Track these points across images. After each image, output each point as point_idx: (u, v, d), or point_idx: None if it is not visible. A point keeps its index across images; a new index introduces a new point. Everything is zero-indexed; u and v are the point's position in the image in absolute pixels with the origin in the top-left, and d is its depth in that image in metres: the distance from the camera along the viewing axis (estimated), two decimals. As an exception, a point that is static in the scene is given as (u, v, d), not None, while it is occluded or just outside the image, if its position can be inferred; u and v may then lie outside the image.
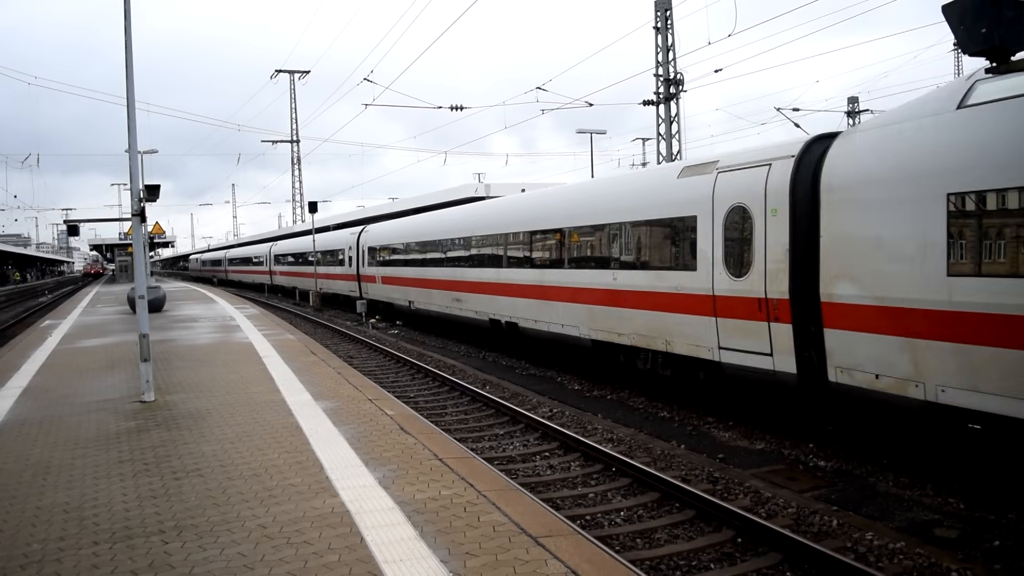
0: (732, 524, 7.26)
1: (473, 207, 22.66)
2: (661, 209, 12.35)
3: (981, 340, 7.24)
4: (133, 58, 11.22)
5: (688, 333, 11.53)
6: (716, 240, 10.85)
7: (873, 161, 8.53)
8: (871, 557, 6.60)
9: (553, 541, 5.38)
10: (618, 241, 13.78)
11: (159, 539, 5.56)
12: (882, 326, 8.29)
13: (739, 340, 10.47)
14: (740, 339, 10.45)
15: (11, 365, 14.61)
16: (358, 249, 31.99)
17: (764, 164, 10.13)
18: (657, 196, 12.61)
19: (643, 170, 30.38)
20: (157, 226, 40.75)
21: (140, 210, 11.47)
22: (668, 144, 27.10)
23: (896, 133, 8.29)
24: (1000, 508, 7.62)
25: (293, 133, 63.85)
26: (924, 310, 7.76)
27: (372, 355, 19.89)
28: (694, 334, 11.39)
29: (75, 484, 6.94)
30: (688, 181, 11.72)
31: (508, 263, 18.28)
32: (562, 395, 14.04)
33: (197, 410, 9.94)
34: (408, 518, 5.85)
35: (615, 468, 9.15)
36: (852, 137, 9.17)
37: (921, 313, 7.81)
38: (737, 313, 10.45)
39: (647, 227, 13.00)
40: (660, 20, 26.71)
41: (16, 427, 9.28)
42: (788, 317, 9.60)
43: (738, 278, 10.44)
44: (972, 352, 7.34)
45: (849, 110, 38.55)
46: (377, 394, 11.06)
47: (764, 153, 10.39)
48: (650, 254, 13.00)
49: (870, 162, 8.57)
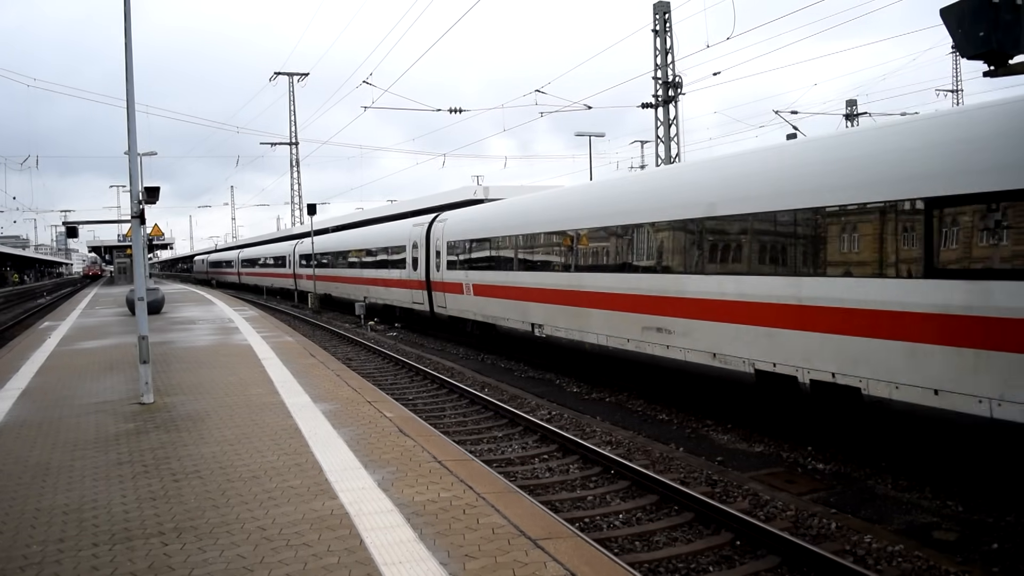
0: (731, 527, 7.26)
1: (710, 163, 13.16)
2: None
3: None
4: (133, 62, 11.23)
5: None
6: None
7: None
8: (870, 560, 6.61)
9: (552, 543, 5.39)
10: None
11: (158, 541, 5.56)
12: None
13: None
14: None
15: (10, 367, 14.59)
16: (428, 246, 23.75)
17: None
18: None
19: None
20: (156, 228, 40.80)
21: (139, 212, 11.48)
22: (667, 147, 27.13)
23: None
24: (999, 511, 7.63)
25: (292, 135, 63.92)
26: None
27: (371, 357, 19.89)
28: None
29: (74, 486, 6.94)
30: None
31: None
32: (561, 397, 14.05)
33: (196, 412, 9.93)
34: (407, 520, 5.85)
35: (614, 470, 9.16)
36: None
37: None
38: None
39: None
40: (659, 23, 26.76)
41: (15, 429, 9.27)
42: None
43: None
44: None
45: (848, 113, 38.60)
46: (376, 396, 11.06)
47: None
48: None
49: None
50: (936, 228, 8.09)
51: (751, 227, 10.66)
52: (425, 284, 23.94)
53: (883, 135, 9.43)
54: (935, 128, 8.63)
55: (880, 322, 8.62)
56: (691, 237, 11.90)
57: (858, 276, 9.02)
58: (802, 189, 9.84)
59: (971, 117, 8.39)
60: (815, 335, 9.50)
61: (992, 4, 7.24)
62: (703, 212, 11.46)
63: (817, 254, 9.60)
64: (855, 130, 14.56)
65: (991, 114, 8.01)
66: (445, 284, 22.30)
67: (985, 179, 7.62)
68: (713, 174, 12.10)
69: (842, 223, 9.39)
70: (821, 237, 9.58)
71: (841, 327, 9.11)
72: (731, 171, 11.67)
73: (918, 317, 8.19)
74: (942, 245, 8.10)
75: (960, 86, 54.59)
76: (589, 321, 14.63)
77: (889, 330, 8.53)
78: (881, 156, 8.97)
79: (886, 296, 8.57)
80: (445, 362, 18.69)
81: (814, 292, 9.53)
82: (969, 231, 7.89)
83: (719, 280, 11.17)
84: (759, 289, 10.39)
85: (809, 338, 9.59)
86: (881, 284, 8.64)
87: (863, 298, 8.83)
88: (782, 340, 9.98)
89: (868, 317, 8.76)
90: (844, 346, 9.09)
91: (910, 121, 9.69)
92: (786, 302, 9.92)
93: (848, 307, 9.01)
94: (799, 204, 9.82)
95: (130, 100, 11.29)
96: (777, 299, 10.06)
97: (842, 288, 9.14)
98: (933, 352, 8.04)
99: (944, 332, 7.92)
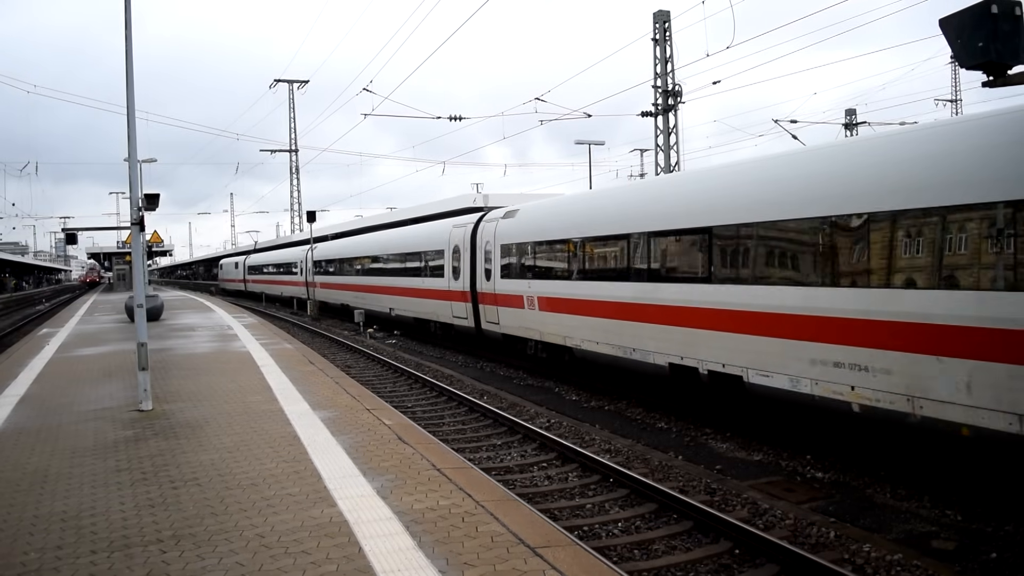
0: (730, 535, 7.26)
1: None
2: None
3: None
4: (133, 68, 11.26)
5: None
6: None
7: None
8: (869, 569, 6.60)
9: (551, 552, 5.38)
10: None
11: (157, 548, 5.55)
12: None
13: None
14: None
15: (8, 373, 14.58)
16: (473, 250, 19.99)
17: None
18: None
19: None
20: (155, 235, 40.83)
21: (139, 219, 11.49)
22: (667, 155, 27.19)
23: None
24: (997, 520, 7.63)
25: (292, 142, 64.02)
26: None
27: (370, 365, 19.88)
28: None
29: (73, 493, 6.93)
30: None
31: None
32: (560, 405, 14.04)
33: (195, 419, 9.92)
34: (406, 528, 5.85)
35: (613, 479, 9.15)
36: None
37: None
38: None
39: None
40: (659, 32, 26.86)
41: (14, 436, 9.26)
42: None
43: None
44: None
45: (847, 122, 38.70)
46: (375, 404, 11.06)
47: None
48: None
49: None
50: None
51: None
52: (469, 295, 20.15)
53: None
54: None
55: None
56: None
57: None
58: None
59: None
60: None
61: (991, 15, 7.28)
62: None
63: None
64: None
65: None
66: (497, 296, 18.47)
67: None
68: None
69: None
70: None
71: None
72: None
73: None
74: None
75: (959, 96, 54.84)
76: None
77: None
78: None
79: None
80: (444, 369, 18.68)
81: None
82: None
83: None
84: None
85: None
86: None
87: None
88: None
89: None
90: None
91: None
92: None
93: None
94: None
95: (130, 107, 11.32)
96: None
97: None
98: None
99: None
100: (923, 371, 8.10)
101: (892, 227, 8.57)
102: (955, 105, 53.93)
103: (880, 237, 8.73)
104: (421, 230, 25.70)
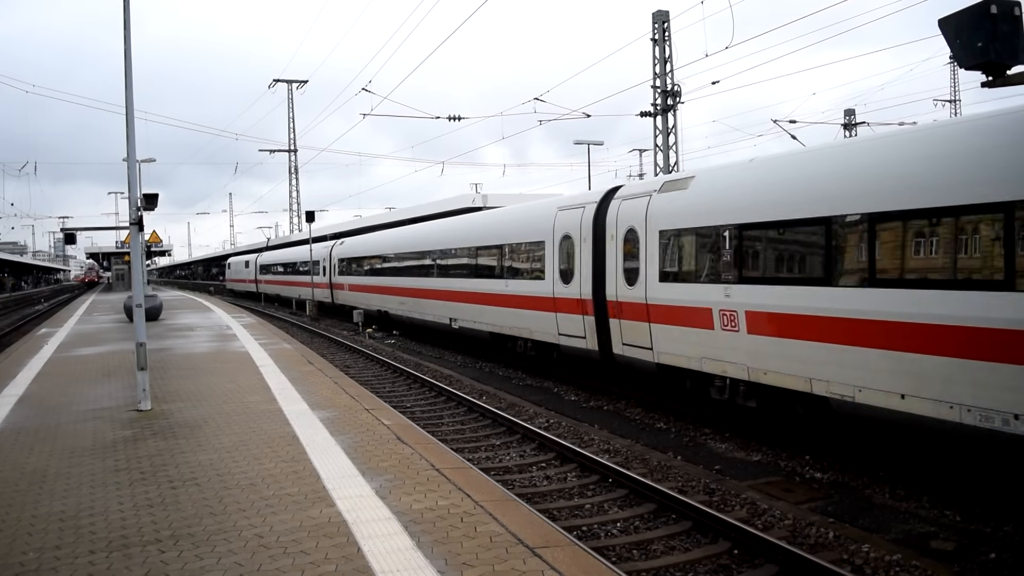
0: (729, 536, 7.26)
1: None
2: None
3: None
4: (132, 68, 11.25)
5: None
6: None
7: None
8: (868, 569, 6.60)
9: (550, 552, 5.38)
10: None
11: (156, 548, 5.54)
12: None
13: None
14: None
15: (7, 373, 14.57)
16: (597, 242, 14.30)
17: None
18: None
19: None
20: (154, 235, 40.84)
21: (138, 219, 11.48)
22: (666, 155, 27.20)
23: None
24: (996, 520, 7.63)
25: (291, 142, 64.00)
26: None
27: (369, 365, 19.88)
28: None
29: (71, 493, 6.92)
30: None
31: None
32: (559, 406, 14.04)
33: (194, 419, 9.92)
34: (405, 528, 5.85)
35: (612, 479, 9.15)
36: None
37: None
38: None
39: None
40: (658, 32, 26.87)
41: (12, 435, 9.25)
42: None
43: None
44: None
45: (846, 123, 38.72)
46: (374, 404, 11.05)
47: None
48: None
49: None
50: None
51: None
52: (591, 305, 14.44)
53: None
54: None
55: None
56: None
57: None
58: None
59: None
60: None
61: (991, 15, 7.28)
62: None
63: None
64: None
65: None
66: (651, 308, 12.62)
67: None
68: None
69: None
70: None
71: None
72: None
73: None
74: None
75: (958, 96, 54.88)
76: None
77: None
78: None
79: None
80: (443, 370, 18.67)
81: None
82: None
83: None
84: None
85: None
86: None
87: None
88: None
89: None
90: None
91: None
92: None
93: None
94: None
95: (129, 107, 11.31)
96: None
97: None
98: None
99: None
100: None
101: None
102: (954, 105, 54.00)
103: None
104: (504, 215, 20.06)
